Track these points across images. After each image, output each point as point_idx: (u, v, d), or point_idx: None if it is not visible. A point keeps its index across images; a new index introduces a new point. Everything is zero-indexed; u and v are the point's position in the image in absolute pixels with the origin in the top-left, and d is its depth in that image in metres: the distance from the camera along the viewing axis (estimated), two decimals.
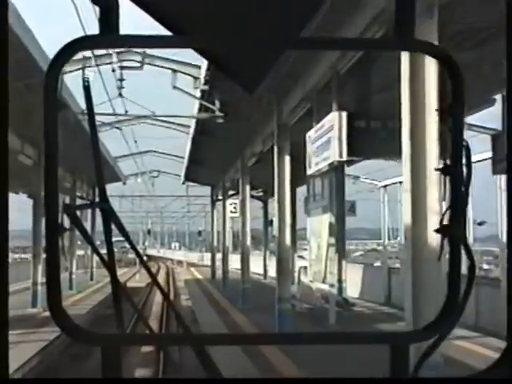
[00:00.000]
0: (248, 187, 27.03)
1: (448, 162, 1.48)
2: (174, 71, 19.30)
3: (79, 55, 17.06)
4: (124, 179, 45.30)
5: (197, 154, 28.79)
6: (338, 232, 22.30)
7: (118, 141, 31.19)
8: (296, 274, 25.36)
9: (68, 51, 1.42)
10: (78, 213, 1.60)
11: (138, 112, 24.87)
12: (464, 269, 1.50)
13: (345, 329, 16.87)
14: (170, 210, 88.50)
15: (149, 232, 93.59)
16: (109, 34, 1.45)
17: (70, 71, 18.23)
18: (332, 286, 18.83)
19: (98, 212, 1.71)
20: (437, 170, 1.50)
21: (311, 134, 14.60)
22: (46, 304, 1.42)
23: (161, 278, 46.85)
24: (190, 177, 39.62)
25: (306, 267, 23.04)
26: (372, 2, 10.43)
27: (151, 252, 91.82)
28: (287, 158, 17.54)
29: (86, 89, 1.63)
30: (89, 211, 34.38)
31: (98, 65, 18.10)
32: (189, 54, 20.18)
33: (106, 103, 21.84)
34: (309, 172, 15.22)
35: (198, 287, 37.29)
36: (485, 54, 13.45)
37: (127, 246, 1.73)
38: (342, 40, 1.84)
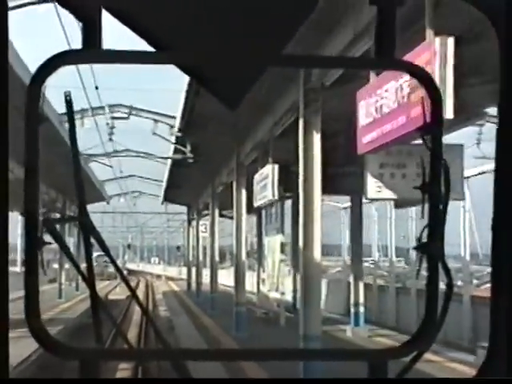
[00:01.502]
0: (217, 211, 30.42)
1: (427, 179, 1.47)
2: (155, 121, 23.71)
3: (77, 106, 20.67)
4: (108, 199, 48.24)
5: (174, 180, 32.24)
6: (293, 250, 26.38)
7: (105, 167, 34.75)
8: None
9: (50, 65, 1.40)
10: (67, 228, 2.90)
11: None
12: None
13: (291, 328, 20.54)
14: (150, 226, 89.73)
15: (129, 247, 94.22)
16: (91, 49, 1.42)
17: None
18: (283, 294, 22.85)
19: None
20: (416, 187, 1.48)
21: (257, 177, 18.81)
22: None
23: (140, 291, 46.74)
24: (168, 197, 42.78)
25: (264, 279, 27.15)
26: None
27: (131, 266, 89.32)
28: (243, 191, 21.31)
29: (68, 104, 1.54)
30: (75, 227, 34.79)
31: (93, 115, 22.30)
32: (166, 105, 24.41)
33: (99, 145, 26.01)
34: (255, 205, 19.51)
35: (174, 298, 40.54)
36: None
37: (108, 259, 1.70)
38: (324, 58, 2.49)
